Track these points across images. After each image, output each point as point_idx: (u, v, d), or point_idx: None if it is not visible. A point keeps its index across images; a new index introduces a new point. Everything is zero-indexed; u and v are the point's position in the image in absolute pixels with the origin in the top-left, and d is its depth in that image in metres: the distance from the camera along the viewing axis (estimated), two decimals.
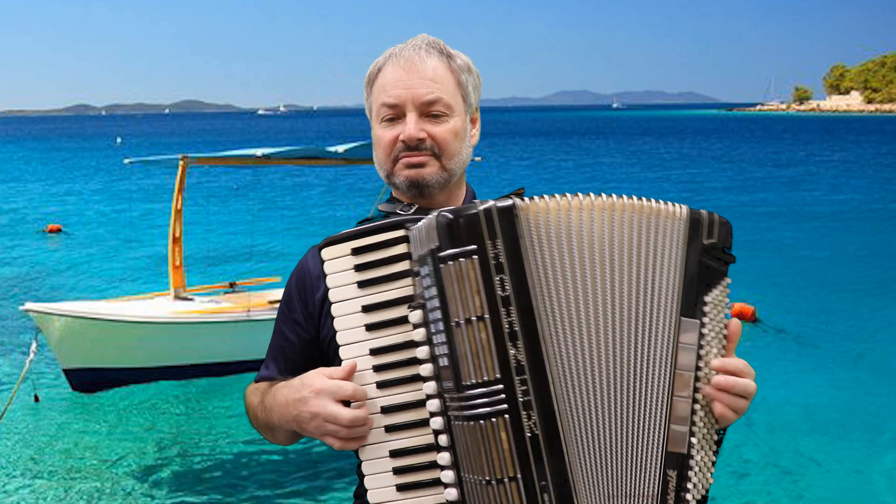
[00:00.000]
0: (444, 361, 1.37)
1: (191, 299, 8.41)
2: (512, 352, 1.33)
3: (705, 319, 1.47)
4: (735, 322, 1.51)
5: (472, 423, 1.33)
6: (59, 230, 19.80)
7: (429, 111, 1.64)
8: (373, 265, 1.48)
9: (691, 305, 1.46)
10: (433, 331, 1.39)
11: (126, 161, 9.52)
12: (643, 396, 1.42)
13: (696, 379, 1.46)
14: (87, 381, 7.75)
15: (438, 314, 1.36)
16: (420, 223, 1.41)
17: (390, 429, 1.46)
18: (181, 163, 8.37)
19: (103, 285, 13.66)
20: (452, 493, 1.39)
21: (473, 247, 1.34)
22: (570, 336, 1.39)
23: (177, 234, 8.38)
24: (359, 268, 1.49)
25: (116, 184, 32.11)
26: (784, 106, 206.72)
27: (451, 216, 1.35)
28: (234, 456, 6.98)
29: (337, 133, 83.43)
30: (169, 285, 8.47)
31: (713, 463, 1.49)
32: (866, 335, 10.44)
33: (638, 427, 1.41)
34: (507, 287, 1.34)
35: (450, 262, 1.34)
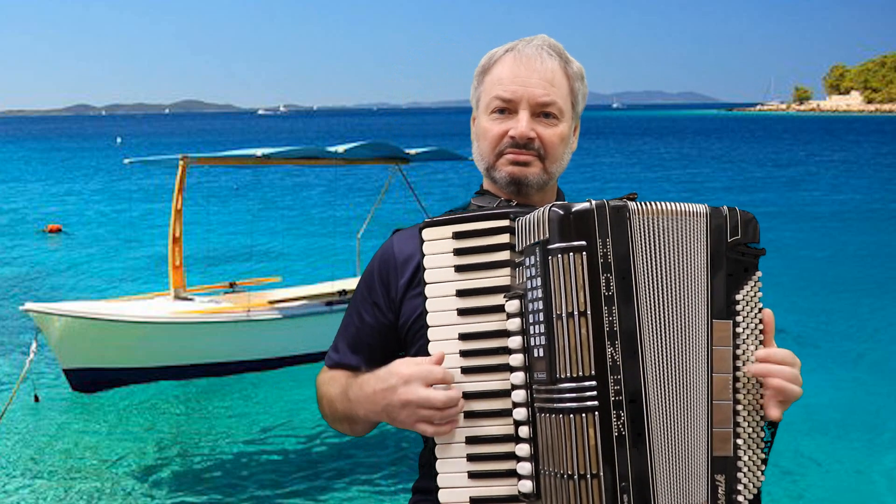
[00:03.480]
0: (539, 353, 1.37)
1: (191, 299, 8.41)
2: (609, 350, 1.34)
3: (738, 318, 1.48)
4: (768, 312, 1.52)
5: (560, 416, 1.33)
6: (59, 230, 19.77)
7: (541, 111, 1.63)
8: (473, 251, 1.47)
9: (722, 306, 1.47)
10: (531, 321, 1.38)
11: (126, 161, 9.53)
12: (692, 402, 1.43)
13: (736, 380, 1.47)
14: (87, 381, 7.75)
15: (540, 305, 1.36)
16: (529, 215, 1.41)
17: (469, 415, 1.45)
18: (181, 163, 8.37)
19: (103, 285, 13.64)
20: (527, 485, 1.39)
21: (583, 243, 1.34)
22: (660, 341, 1.40)
23: (177, 234, 8.38)
24: (458, 252, 1.48)
25: (116, 184, 32.07)
26: (784, 106, 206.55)
27: (562, 211, 1.35)
28: (234, 456, 6.97)
29: (337, 133, 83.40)
30: (169, 285, 8.47)
31: (763, 461, 1.49)
32: (866, 335, 10.43)
33: (690, 433, 1.43)
34: (611, 287, 1.34)
35: (559, 255, 1.34)
